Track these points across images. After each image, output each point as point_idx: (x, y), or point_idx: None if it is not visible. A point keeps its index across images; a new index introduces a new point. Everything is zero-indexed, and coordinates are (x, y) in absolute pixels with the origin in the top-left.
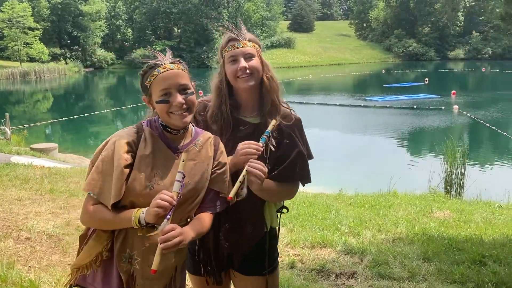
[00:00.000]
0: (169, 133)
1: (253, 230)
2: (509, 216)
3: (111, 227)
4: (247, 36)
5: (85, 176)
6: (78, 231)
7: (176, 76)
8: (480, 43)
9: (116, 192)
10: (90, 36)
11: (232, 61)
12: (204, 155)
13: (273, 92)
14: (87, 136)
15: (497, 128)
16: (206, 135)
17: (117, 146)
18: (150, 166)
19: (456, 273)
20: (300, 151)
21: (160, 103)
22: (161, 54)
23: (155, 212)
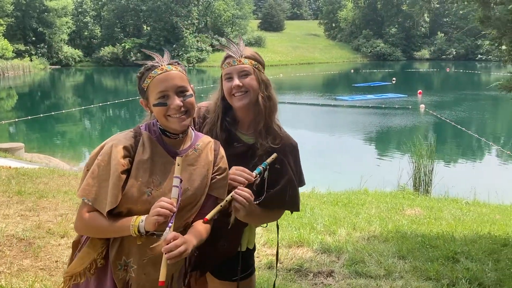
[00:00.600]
0: (167, 138)
1: (227, 247)
2: (476, 213)
3: (108, 235)
4: (244, 53)
5: (53, 177)
6: (50, 234)
7: (173, 78)
8: (444, 44)
9: (112, 198)
10: (56, 32)
11: (227, 79)
12: (204, 160)
13: (267, 112)
14: (54, 135)
15: (462, 126)
16: (206, 139)
17: (114, 150)
18: (148, 171)
19: (431, 270)
20: (290, 179)
21: (157, 106)
22: (159, 55)
23: (155, 220)
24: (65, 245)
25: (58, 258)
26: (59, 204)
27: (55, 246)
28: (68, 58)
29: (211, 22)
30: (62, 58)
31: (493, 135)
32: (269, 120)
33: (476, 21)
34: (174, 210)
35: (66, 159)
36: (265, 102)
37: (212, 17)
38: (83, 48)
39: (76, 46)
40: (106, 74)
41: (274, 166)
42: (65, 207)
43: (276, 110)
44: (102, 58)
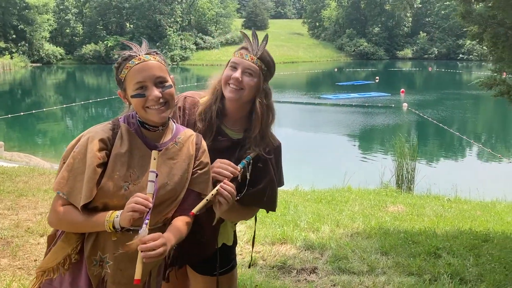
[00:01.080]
0: (147, 130)
1: (205, 242)
2: (457, 210)
3: (82, 230)
4: (260, 53)
5: (33, 175)
6: (28, 233)
7: (151, 68)
8: (426, 44)
9: (87, 192)
10: (37, 30)
11: (231, 67)
12: (185, 154)
13: (264, 120)
14: (34, 134)
15: (444, 125)
16: (188, 132)
17: (90, 142)
18: (125, 165)
19: (413, 265)
20: (272, 179)
21: (135, 97)
22: (136, 45)
23: (130, 216)
24: (44, 244)
25: (37, 257)
26: (39, 203)
27: (34, 245)
28: (50, 56)
29: (195, 20)
30: (43, 56)
31: (474, 134)
32: (266, 129)
33: (458, 16)
34: (150, 206)
35: (47, 158)
36: (262, 110)
37: (196, 15)
38: (64, 45)
39: (57, 44)
40: (88, 72)
41: (257, 165)
42: (45, 205)
43: (273, 121)
44: (84, 56)
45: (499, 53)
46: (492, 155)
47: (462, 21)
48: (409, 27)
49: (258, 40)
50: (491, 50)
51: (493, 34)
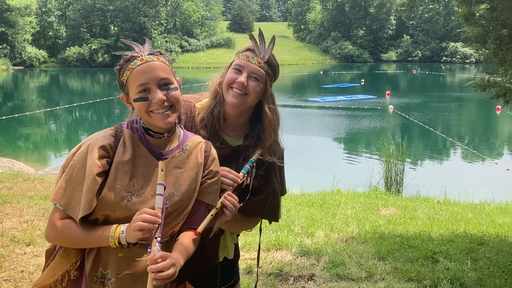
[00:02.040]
0: (151, 137)
1: (206, 255)
2: (449, 212)
3: (83, 246)
4: (267, 57)
5: (17, 181)
6: (14, 242)
7: (154, 69)
8: (410, 46)
9: (86, 204)
10: (19, 32)
11: (235, 69)
12: (193, 162)
13: (276, 126)
14: (17, 138)
15: (429, 127)
16: (197, 139)
17: (90, 150)
18: (128, 174)
19: (411, 271)
20: (274, 188)
21: (138, 101)
22: (138, 45)
23: (137, 235)
24: (31, 253)
25: (24, 267)
26: (24, 210)
27: (20, 255)
28: (32, 59)
29: (180, 23)
30: (26, 59)
31: (459, 135)
32: (276, 135)
33: (461, 18)
34: (159, 222)
35: (30, 163)
36: (273, 116)
37: (181, 18)
38: (47, 48)
39: (40, 47)
40: (72, 75)
41: (259, 172)
42: (30, 213)
43: (279, 125)
44: (67, 58)
45: (501, 55)
46: (478, 156)
47: (465, 23)
48: (393, 30)
49: (265, 42)
50: (494, 52)
51: (496, 36)
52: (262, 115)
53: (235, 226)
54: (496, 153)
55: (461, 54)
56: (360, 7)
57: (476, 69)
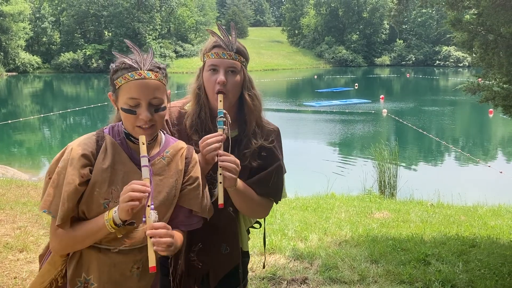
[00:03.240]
0: (133, 143)
1: (230, 251)
2: (442, 215)
3: (88, 241)
4: (236, 47)
5: (10, 187)
6: (7, 248)
7: (149, 88)
8: (404, 50)
9: (65, 213)
10: (13, 38)
11: (211, 70)
12: (173, 169)
13: (256, 111)
14: (10, 144)
15: (423, 130)
16: (178, 145)
17: (72, 157)
18: (107, 182)
19: (404, 273)
20: (279, 165)
21: (125, 112)
22: (141, 54)
23: (128, 207)
24: (24, 260)
25: (17, 274)
26: (17, 216)
27: (14, 261)
28: (26, 65)
29: (174, 28)
30: (19, 65)
31: (453, 139)
32: (260, 119)
33: (447, 24)
34: (149, 190)
35: (24, 169)
36: (253, 101)
37: (175, 23)
38: (41, 54)
39: (34, 52)
40: (66, 81)
41: (261, 154)
42: (23, 219)
43: (262, 108)
44: (61, 64)
45: (488, 60)
46: (471, 160)
47: (452, 29)
48: (387, 34)
49: (227, 33)
50: (481, 57)
51: (483, 41)
52: (243, 103)
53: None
54: (489, 156)
55: (454, 58)
56: (353, 12)
57: (469, 72)
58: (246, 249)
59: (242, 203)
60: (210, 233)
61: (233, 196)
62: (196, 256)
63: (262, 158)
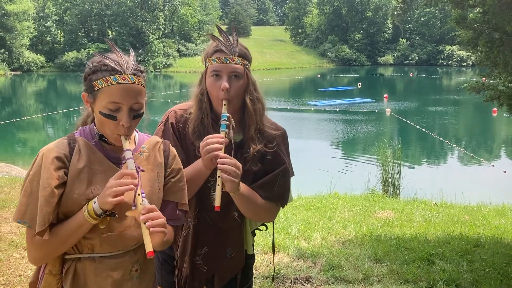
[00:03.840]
0: (107, 144)
1: (234, 255)
2: (445, 214)
3: (71, 241)
4: (238, 50)
5: (15, 185)
6: (12, 246)
7: (132, 93)
8: (407, 49)
9: (45, 218)
10: (17, 37)
11: (214, 76)
12: (152, 162)
13: (257, 115)
14: (15, 143)
15: (427, 130)
16: (153, 140)
17: (44, 162)
18: (85, 182)
19: (407, 272)
20: (286, 168)
21: (104, 116)
22: (123, 56)
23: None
24: None
25: (22, 272)
26: None
27: (19, 259)
28: (30, 64)
29: (178, 28)
30: (24, 64)
31: (456, 138)
32: (260, 123)
33: (452, 22)
34: (136, 177)
35: (28, 168)
36: (254, 105)
37: (178, 23)
38: (45, 53)
39: (38, 52)
40: (69, 80)
41: (266, 158)
42: None
43: (265, 110)
44: (65, 63)
45: (493, 59)
46: (475, 159)
47: (457, 27)
48: (390, 33)
49: (228, 36)
50: (486, 55)
51: (488, 39)
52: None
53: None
54: (492, 155)
55: (457, 57)
56: (357, 11)
57: (473, 72)
58: (251, 252)
59: (247, 208)
60: (215, 237)
61: (237, 201)
62: (201, 259)
63: (267, 162)
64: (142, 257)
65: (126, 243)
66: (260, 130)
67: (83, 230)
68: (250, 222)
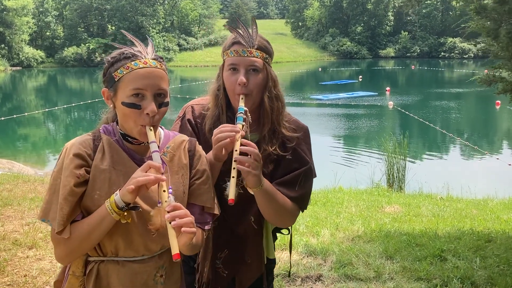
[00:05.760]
0: (130, 144)
1: (252, 261)
2: (453, 208)
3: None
4: (257, 43)
5: (17, 183)
6: (16, 245)
7: (156, 77)
8: (408, 42)
9: (64, 217)
10: (17, 32)
11: (231, 69)
12: (176, 164)
13: (274, 114)
14: (16, 139)
15: (430, 123)
16: (179, 138)
17: (66, 159)
18: (107, 182)
19: (420, 270)
20: (308, 168)
21: (128, 106)
22: (141, 44)
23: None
24: (34, 257)
25: (27, 272)
26: (25, 212)
27: (23, 259)
28: (30, 59)
29: (178, 22)
30: (23, 59)
31: (460, 131)
32: (276, 123)
33: (472, 11)
34: (162, 171)
35: (29, 163)
36: (271, 103)
37: (178, 16)
38: (45, 48)
39: (37, 47)
40: (70, 75)
41: (285, 157)
42: (31, 215)
43: (284, 110)
44: (65, 58)
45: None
46: (479, 152)
47: (476, 17)
48: (391, 26)
49: (246, 28)
50: (506, 46)
51: (509, 30)
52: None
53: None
54: (497, 148)
55: (459, 50)
56: (357, 3)
57: (474, 64)
58: (272, 257)
59: (269, 207)
60: (234, 241)
61: (259, 198)
62: (221, 263)
63: (286, 162)
64: (167, 262)
65: (150, 247)
66: (275, 131)
67: (106, 225)
68: (268, 227)
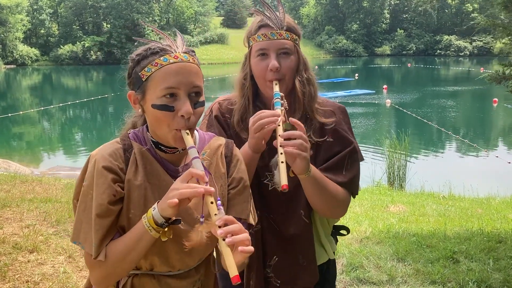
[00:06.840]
0: (163, 152)
1: (307, 264)
2: (458, 208)
3: (135, 256)
4: (285, 23)
5: (15, 183)
6: (16, 249)
7: (190, 73)
8: (404, 40)
9: (100, 241)
10: (11, 30)
11: (260, 55)
12: (214, 173)
13: (306, 100)
14: (11, 138)
15: (428, 120)
16: (215, 143)
17: (97, 173)
18: (142, 199)
19: (434, 272)
20: (354, 149)
21: (159, 108)
22: (169, 37)
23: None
24: (35, 261)
25: (28, 277)
26: (25, 214)
27: (24, 263)
28: (24, 57)
29: (173, 19)
30: (18, 57)
31: (458, 128)
32: (309, 109)
33: (500, 6)
34: (206, 180)
35: (25, 163)
36: (303, 88)
37: (174, 14)
38: (39, 46)
39: (32, 45)
40: (65, 73)
41: (326, 140)
42: (31, 217)
43: (317, 94)
44: (60, 57)
45: None
46: (478, 150)
47: (504, 12)
48: (387, 24)
49: (273, 9)
50: None
51: None
52: (293, 89)
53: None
54: (496, 146)
55: (455, 47)
56: (353, 1)
57: (470, 62)
58: (332, 257)
59: (319, 196)
60: (283, 243)
61: (308, 187)
62: (272, 271)
63: (328, 144)
64: (203, 275)
65: (188, 263)
66: (308, 118)
67: (144, 244)
68: (323, 223)
